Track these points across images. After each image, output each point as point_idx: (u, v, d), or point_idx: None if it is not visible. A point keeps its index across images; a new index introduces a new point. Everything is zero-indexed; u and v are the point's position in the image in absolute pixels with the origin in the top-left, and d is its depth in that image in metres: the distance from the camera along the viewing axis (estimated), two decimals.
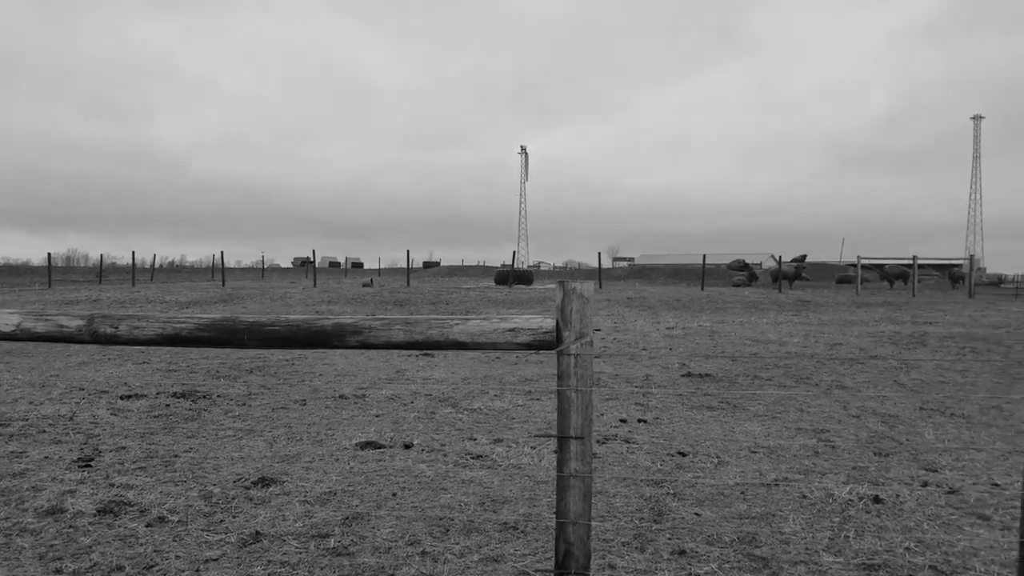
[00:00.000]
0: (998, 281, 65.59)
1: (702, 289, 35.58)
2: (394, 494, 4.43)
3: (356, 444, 5.50)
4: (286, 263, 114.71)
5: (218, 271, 45.53)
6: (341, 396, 7.39)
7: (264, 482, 4.58)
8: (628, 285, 44.92)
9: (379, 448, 5.43)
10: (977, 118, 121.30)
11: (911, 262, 38.26)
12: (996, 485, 4.71)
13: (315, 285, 34.84)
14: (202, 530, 3.85)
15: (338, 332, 2.58)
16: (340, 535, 3.79)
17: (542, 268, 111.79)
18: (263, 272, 61.30)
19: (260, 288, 31.13)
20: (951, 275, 49.20)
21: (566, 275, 71.01)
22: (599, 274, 40.99)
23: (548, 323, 2.53)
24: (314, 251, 43.72)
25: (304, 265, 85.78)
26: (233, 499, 4.31)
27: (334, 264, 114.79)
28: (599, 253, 41.59)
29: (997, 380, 8.89)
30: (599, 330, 14.80)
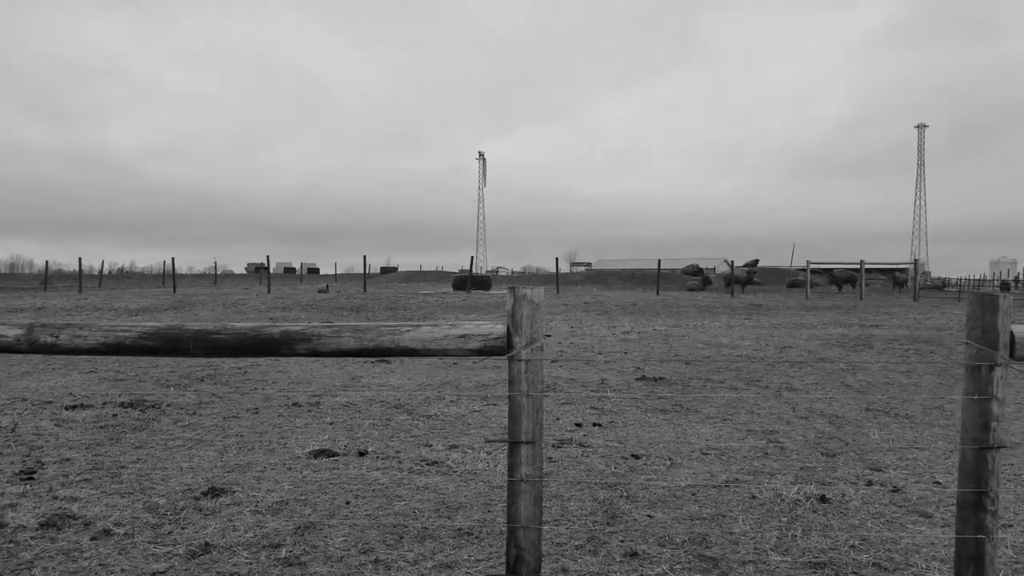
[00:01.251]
0: (942, 285, 67.67)
1: (657, 294, 35.97)
2: (347, 502, 4.39)
3: (309, 452, 5.44)
4: (240, 269, 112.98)
5: (169, 278, 44.62)
6: (295, 404, 7.30)
7: (214, 492, 4.50)
8: (585, 290, 45.21)
9: (333, 456, 5.38)
10: (921, 127, 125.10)
11: (859, 267, 39.23)
12: (938, 483, 4.85)
13: (269, 291, 34.35)
14: (149, 543, 3.77)
15: (286, 340, 2.55)
16: (292, 545, 3.75)
17: (500, 273, 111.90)
18: (216, 278, 60.24)
19: (213, 295, 30.58)
20: (894, 279, 50.60)
21: (524, 280, 71.22)
22: (557, 279, 41.17)
23: (499, 329, 2.54)
24: (268, 257, 43.10)
25: (258, 271, 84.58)
26: (182, 510, 4.23)
27: (289, 270, 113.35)
28: (556, 258, 41.78)
29: (939, 381, 9.17)
30: (549, 335, 14.87)
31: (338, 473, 4.97)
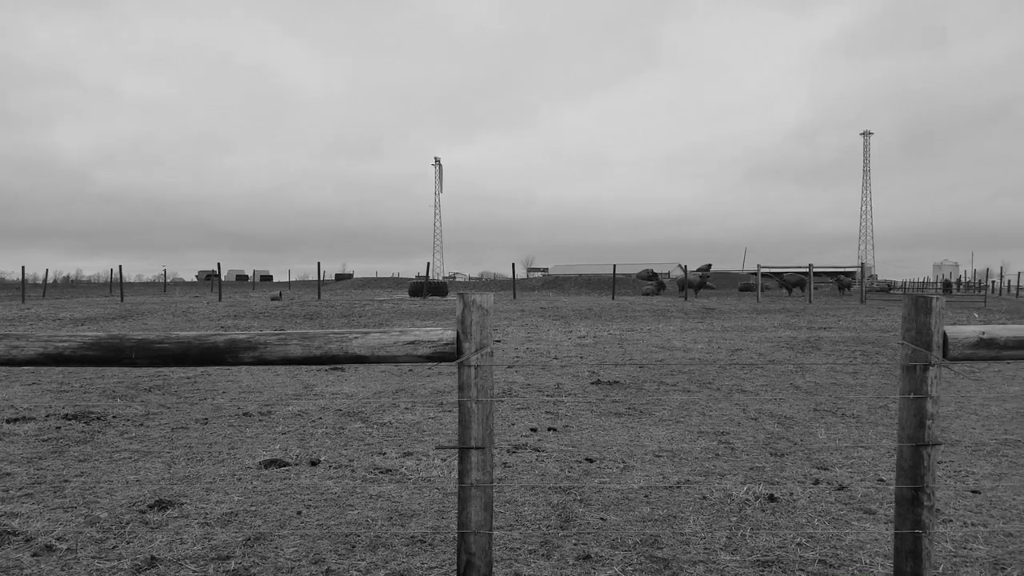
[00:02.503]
0: (888, 288, 69.50)
1: (613, 298, 36.27)
2: (299, 512, 4.34)
3: (260, 463, 5.36)
4: (191, 277, 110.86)
5: (116, 286, 43.54)
6: (245, 414, 7.18)
7: (161, 505, 4.41)
8: (542, 295, 45.36)
9: (284, 466, 5.30)
10: (866, 134, 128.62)
11: (808, 270, 40.10)
12: (881, 481, 4.98)
13: (221, 299, 33.74)
14: (93, 558, 3.67)
15: (231, 348, 2.52)
16: (241, 557, 3.69)
17: (458, 279, 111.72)
18: (165, 287, 59.00)
19: (162, 303, 29.92)
20: (839, 282, 51.84)
21: (482, 286, 71.19)
22: (514, 284, 41.24)
23: (449, 335, 2.54)
24: (219, 264, 42.32)
25: (209, 279, 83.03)
26: (127, 524, 4.13)
27: (242, 277, 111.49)
28: (513, 264, 41.86)
29: (884, 381, 9.42)
30: (499, 340, 14.89)
31: (290, 483, 4.90)
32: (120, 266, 40.14)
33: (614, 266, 42.78)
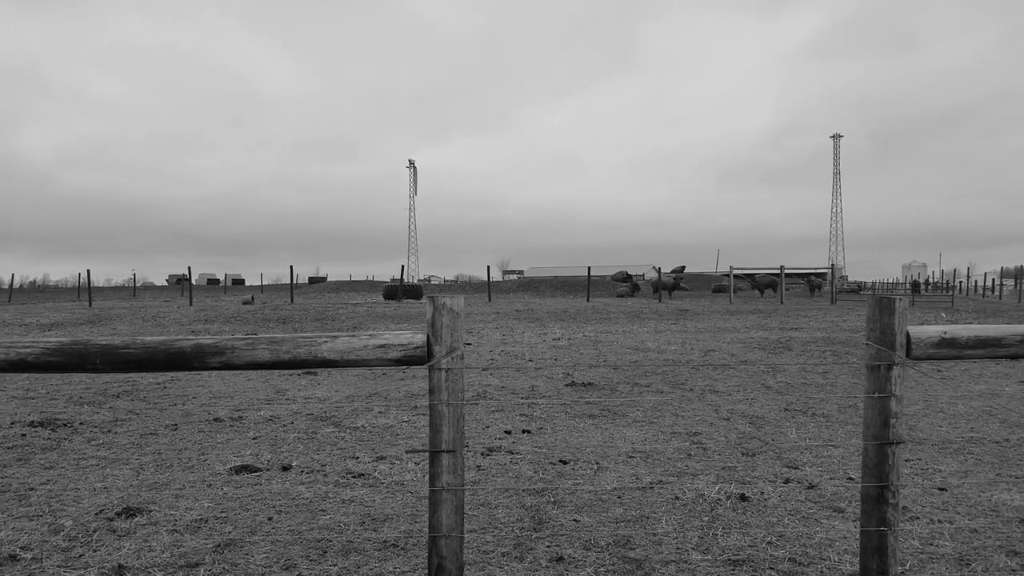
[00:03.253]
0: (858, 288, 70.49)
1: (588, 300, 36.39)
2: (270, 518, 4.30)
3: (231, 468, 5.30)
4: (161, 281, 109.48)
5: (85, 291, 42.88)
6: (216, 419, 7.10)
7: (129, 512, 4.34)
8: (517, 297, 45.39)
9: (255, 471, 5.25)
10: (836, 137, 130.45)
11: (779, 271, 40.53)
12: (851, 479, 5.05)
13: (191, 303, 33.35)
14: (59, 566, 3.61)
15: (198, 353, 2.49)
16: (211, 564, 3.65)
17: (433, 282, 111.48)
18: (135, 291, 58.22)
19: (131, 308, 29.51)
20: (809, 283, 52.47)
21: (457, 289, 71.06)
22: (489, 287, 41.21)
23: (419, 338, 2.54)
24: (190, 268, 41.84)
25: (180, 283, 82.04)
26: (94, 532, 4.06)
27: (213, 281, 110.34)
28: (488, 267, 41.82)
29: (854, 380, 9.55)
30: (470, 344, 14.88)
31: (261, 489, 4.86)
32: (88, 270, 39.53)
33: (588, 268, 42.91)
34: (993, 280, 55.52)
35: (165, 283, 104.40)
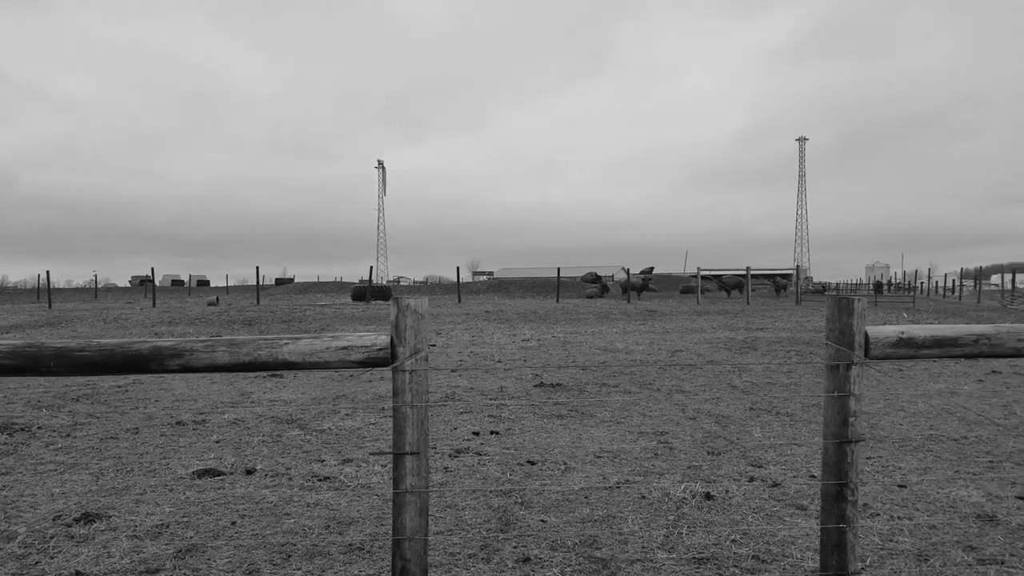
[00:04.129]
0: (822, 289, 71.62)
1: (557, 301, 36.49)
2: (233, 522, 4.24)
3: (193, 472, 5.22)
4: (123, 282, 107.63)
5: (44, 293, 41.98)
6: (178, 422, 6.99)
7: (88, 518, 4.25)
8: (487, 298, 45.38)
9: (218, 475, 5.18)
10: (802, 140, 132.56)
11: (745, 272, 41.02)
12: (813, 477, 5.11)
13: (155, 305, 32.83)
14: (13, 574, 3.52)
15: (156, 355, 2.44)
16: (171, 569, 3.59)
17: (402, 283, 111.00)
18: (96, 292, 57.16)
19: (93, 309, 28.96)
20: (776, 284, 53.22)
21: (427, 290, 70.82)
22: (458, 288, 41.14)
23: (382, 340, 2.52)
24: (153, 269, 41.16)
25: (143, 284, 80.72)
26: (51, 538, 3.97)
27: (177, 282, 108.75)
28: (458, 268, 41.76)
29: (817, 380, 9.69)
30: (434, 345, 14.85)
31: (224, 493, 4.79)
32: (48, 271, 38.72)
33: (558, 269, 43.05)
34: (953, 281, 56.73)
35: (128, 284, 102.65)
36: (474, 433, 6.54)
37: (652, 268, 54.41)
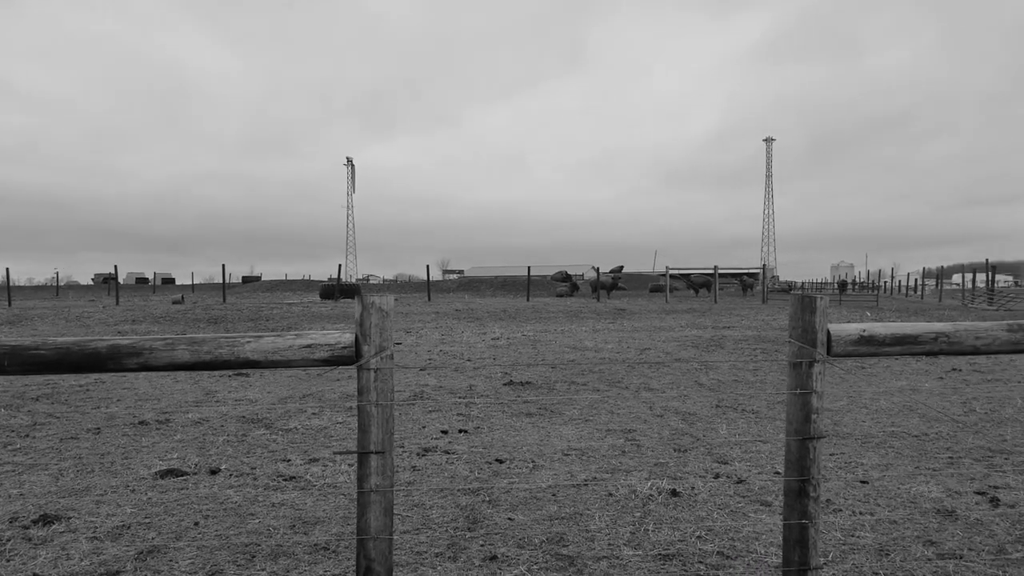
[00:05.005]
0: (788, 288, 72.63)
1: (528, 300, 36.54)
2: (196, 523, 4.17)
3: (156, 472, 5.13)
4: (86, 280, 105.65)
5: (4, 290, 41.04)
6: (141, 422, 6.87)
7: (46, 520, 4.16)
8: (457, 297, 45.27)
9: (182, 475, 5.09)
10: (768, 140, 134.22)
11: (713, 271, 41.42)
12: (778, 473, 5.18)
13: (118, 303, 32.27)
14: None
15: (114, 354, 2.39)
16: (132, 571, 3.52)
17: (372, 281, 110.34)
18: (58, 290, 56.04)
19: (54, 308, 28.37)
20: (742, 283, 53.87)
21: (396, 288, 70.47)
22: (428, 286, 41.00)
23: (347, 338, 2.49)
24: (116, 267, 40.44)
25: (107, 282, 79.25)
26: (8, 541, 3.88)
27: (142, 280, 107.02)
28: (428, 266, 41.59)
29: (782, 378, 9.81)
30: (399, 344, 14.79)
31: (187, 493, 4.71)
32: (7, 269, 37.84)
33: (528, 268, 43.10)
34: (916, 280, 57.87)
35: (91, 282, 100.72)
36: (443, 431, 6.51)
37: (622, 267, 54.71)
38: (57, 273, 62.85)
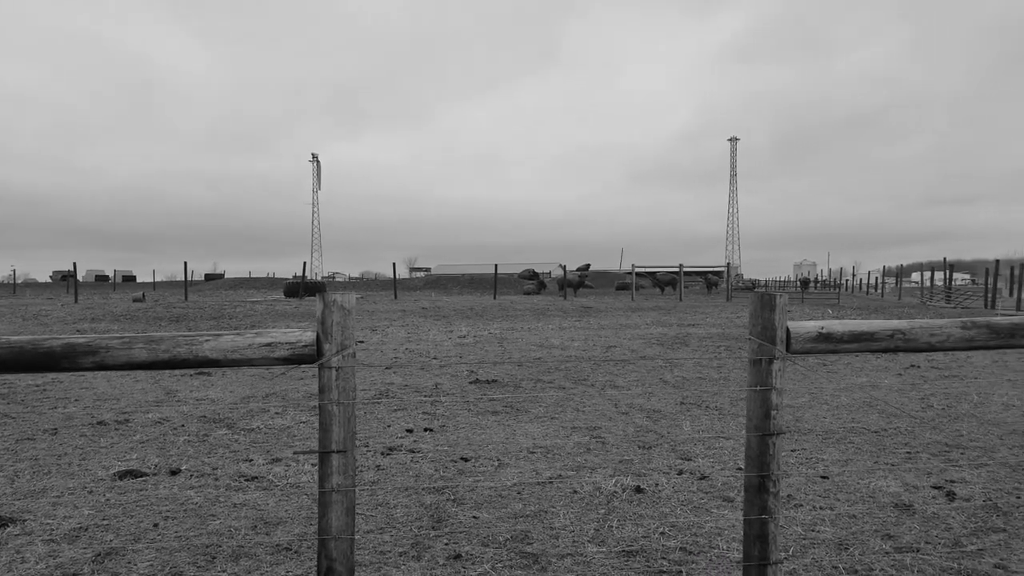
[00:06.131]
0: (752, 286, 73.56)
1: (495, 298, 36.53)
2: (155, 525, 4.10)
3: (114, 474, 5.03)
4: (44, 278, 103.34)
5: None
6: (100, 422, 6.73)
7: (0, 522, 4.06)
8: (424, 295, 45.10)
9: (141, 476, 5.00)
10: (733, 140, 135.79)
11: (678, 270, 41.82)
12: (740, 469, 5.24)
13: (77, 301, 31.60)
14: None
15: (69, 353, 2.34)
16: (90, 574, 3.45)
17: (337, 279, 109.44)
18: (15, 288, 54.73)
19: (10, 306, 27.70)
20: (707, 281, 54.50)
21: (362, 286, 70.00)
22: (395, 284, 40.78)
23: (308, 336, 2.47)
24: (75, 264, 39.59)
25: (65, 279, 77.55)
26: None
27: (102, 278, 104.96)
28: (394, 264, 41.36)
29: (745, 374, 9.93)
30: (361, 342, 14.71)
31: (146, 494, 4.63)
32: None
33: (496, 266, 43.11)
34: (876, 279, 58.99)
35: (49, 280, 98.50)
36: (408, 430, 6.48)
37: (589, 265, 54.97)
38: (14, 270, 61.40)
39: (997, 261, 30.81)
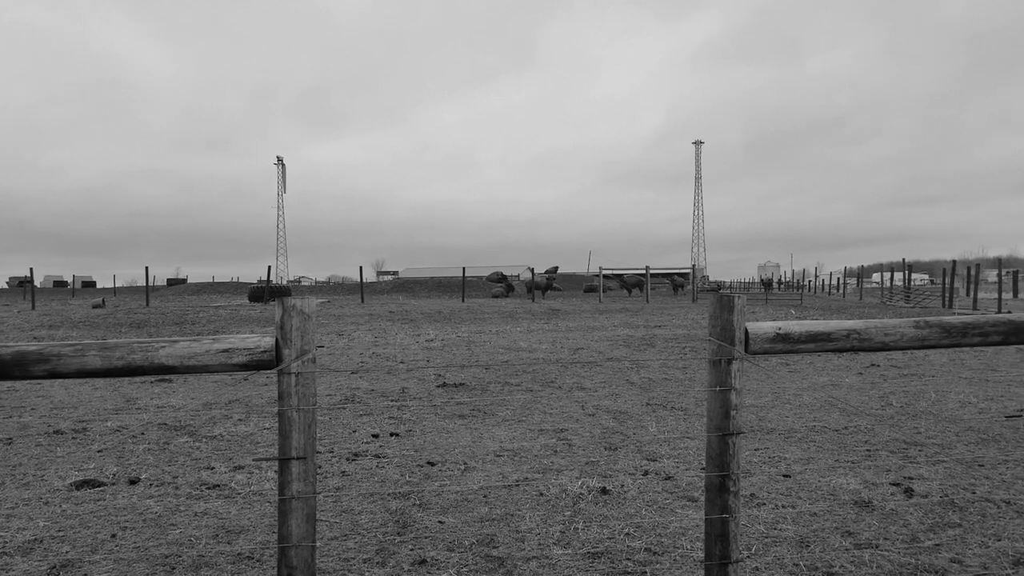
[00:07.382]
0: (717, 287, 74.32)
1: (463, 301, 36.46)
2: (113, 535, 4.02)
3: (71, 484, 4.92)
4: (0, 284, 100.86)
5: None
6: (57, 431, 6.58)
7: None
8: (391, 298, 44.87)
9: (99, 486, 4.90)
10: (698, 143, 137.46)
11: (645, 272, 42.14)
12: (704, 469, 5.28)
13: (34, 307, 30.89)
14: None
15: (19, 361, 2.28)
16: None
17: (304, 283, 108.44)
18: None
19: None
20: (673, 283, 55.02)
21: (328, 290, 69.39)
22: (362, 288, 40.50)
23: (267, 342, 2.44)
24: (32, 269, 38.69)
25: (22, 285, 75.74)
26: None
27: (60, 283, 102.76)
28: (361, 267, 41.09)
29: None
30: (321, 346, 14.60)
31: (104, 504, 4.53)
32: None
33: (463, 269, 43.03)
34: (838, 279, 59.96)
35: (5, 286, 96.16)
36: (373, 435, 6.44)
37: (557, 268, 55.18)
38: None
39: (954, 261, 31.52)
